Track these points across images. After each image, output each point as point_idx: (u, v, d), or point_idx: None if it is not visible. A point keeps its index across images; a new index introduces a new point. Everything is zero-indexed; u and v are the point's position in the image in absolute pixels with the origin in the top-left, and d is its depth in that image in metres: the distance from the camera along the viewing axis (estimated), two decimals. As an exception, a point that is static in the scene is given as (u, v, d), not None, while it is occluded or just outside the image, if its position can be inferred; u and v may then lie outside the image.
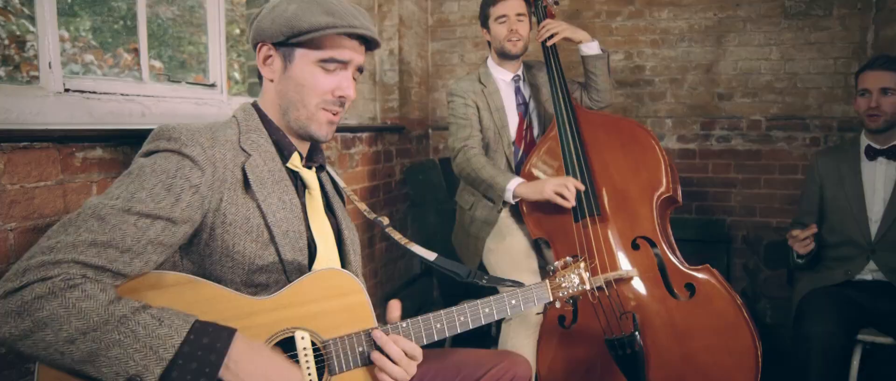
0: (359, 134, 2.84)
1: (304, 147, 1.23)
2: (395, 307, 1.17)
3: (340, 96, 1.15)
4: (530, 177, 2.12)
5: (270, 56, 1.16)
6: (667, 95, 3.30)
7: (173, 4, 3.32)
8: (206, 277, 1.06)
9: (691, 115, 3.27)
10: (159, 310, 0.90)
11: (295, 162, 1.19)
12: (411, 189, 3.33)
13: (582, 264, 1.39)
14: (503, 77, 2.31)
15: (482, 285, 1.38)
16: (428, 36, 3.60)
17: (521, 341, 2.04)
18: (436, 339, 1.20)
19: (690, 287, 1.87)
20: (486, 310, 1.21)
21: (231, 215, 1.05)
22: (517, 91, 2.32)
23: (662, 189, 1.96)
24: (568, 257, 1.43)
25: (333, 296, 1.08)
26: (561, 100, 2.10)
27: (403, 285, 3.31)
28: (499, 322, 2.28)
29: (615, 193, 2.00)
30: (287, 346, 1.04)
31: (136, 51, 2.02)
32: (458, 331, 1.20)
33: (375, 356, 1.07)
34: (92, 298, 0.84)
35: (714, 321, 1.82)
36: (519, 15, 2.20)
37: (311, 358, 1.04)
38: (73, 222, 0.90)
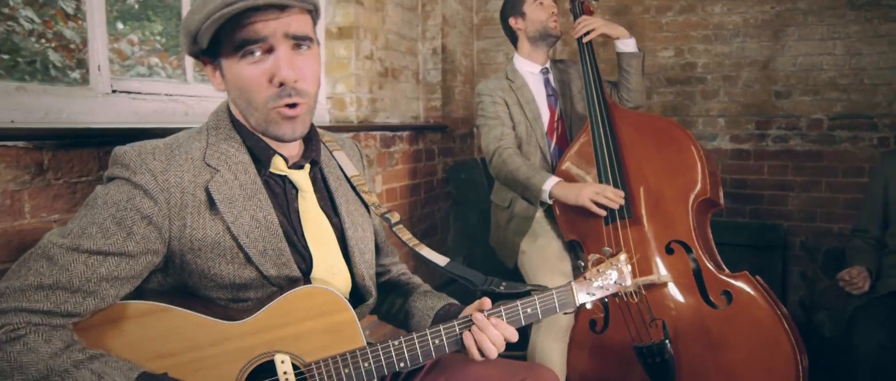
0: (399, 133, 2.87)
1: (288, 146, 1.10)
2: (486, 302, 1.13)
3: (281, 83, 0.98)
4: (566, 177, 2.08)
5: (213, 72, 1.05)
6: (720, 93, 3.15)
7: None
8: (194, 294, 1.02)
9: (746, 114, 3.12)
10: (103, 364, 0.86)
11: (279, 166, 1.09)
12: (454, 188, 3.34)
13: (622, 258, 1.23)
14: (531, 69, 2.29)
15: (499, 293, 1.27)
16: (473, 35, 3.60)
17: (550, 345, 2.01)
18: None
19: (727, 295, 1.79)
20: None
21: (198, 241, 0.98)
22: (546, 83, 2.30)
23: (699, 191, 1.88)
24: (606, 249, 1.27)
25: (316, 315, 1.01)
26: (595, 97, 2.05)
27: (444, 284, 3.33)
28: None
29: (649, 194, 1.93)
30: (268, 371, 0.99)
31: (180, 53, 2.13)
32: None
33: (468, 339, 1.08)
34: (33, 351, 0.83)
35: (752, 332, 1.73)
36: None
37: None
38: (26, 262, 0.88)
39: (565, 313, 1.96)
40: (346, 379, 1.02)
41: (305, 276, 1.09)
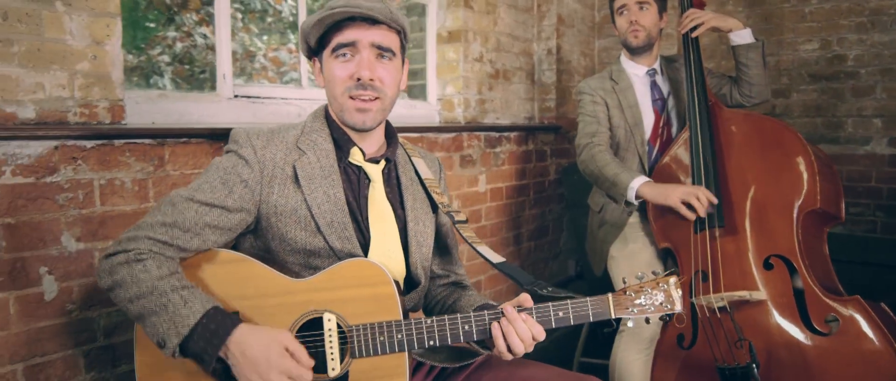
0: (506, 133, 2.91)
1: (367, 142, 1.28)
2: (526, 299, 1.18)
3: (358, 79, 1.18)
4: (662, 173, 1.97)
5: (317, 69, 1.28)
6: (876, 89, 2.72)
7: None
8: (273, 257, 1.20)
9: (910, 114, 2.66)
10: (190, 293, 1.05)
11: (356, 157, 1.26)
12: (566, 190, 3.30)
13: (672, 280, 1.18)
14: (636, 72, 2.18)
15: (542, 295, 1.28)
16: (594, 33, 3.50)
17: (632, 356, 1.93)
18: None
19: (834, 322, 1.58)
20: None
21: (281, 207, 1.18)
22: (653, 85, 2.18)
23: (806, 201, 1.68)
24: (654, 271, 1.22)
25: (363, 285, 1.14)
26: (695, 95, 1.91)
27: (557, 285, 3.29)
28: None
29: (749, 203, 1.77)
30: (316, 326, 1.13)
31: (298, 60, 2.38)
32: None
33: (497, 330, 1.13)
34: (148, 272, 1.05)
35: (858, 367, 1.51)
36: (640, 3, 2.06)
37: (335, 340, 1.12)
38: (159, 205, 1.14)
39: (647, 323, 1.87)
40: (380, 346, 1.13)
41: (364, 253, 1.23)
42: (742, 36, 2.01)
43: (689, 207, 1.79)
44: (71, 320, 1.42)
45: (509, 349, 1.15)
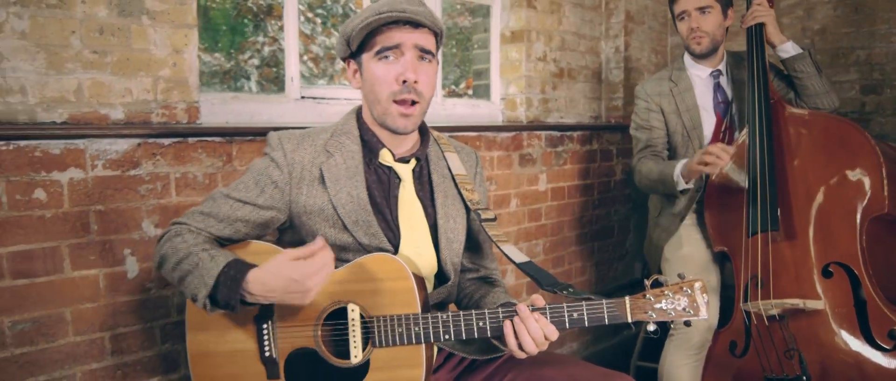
0: (568, 132, 2.90)
1: (399, 143, 1.33)
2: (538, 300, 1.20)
3: (404, 81, 1.22)
4: (720, 174, 1.91)
5: (353, 71, 1.32)
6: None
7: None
8: None
9: None
10: (219, 251, 1.17)
11: (386, 158, 1.32)
12: (633, 191, 3.23)
13: (697, 285, 1.16)
14: (699, 73, 2.11)
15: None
16: (667, 30, 3.40)
17: (680, 361, 1.89)
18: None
19: (897, 335, 1.48)
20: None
21: (309, 206, 1.27)
22: (717, 88, 2.10)
23: (872, 206, 1.58)
24: (681, 274, 1.19)
25: (385, 279, 1.20)
26: (755, 91, 1.84)
27: (619, 288, 3.25)
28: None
29: (809, 206, 1.68)
30: (342, 314, 1.21)
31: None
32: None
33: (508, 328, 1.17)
34: (184, 241, 1.19)
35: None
36: (700, 8, 1.99)
37: (358, 329, 1.19)
38: (206, 199, 1.29)
39: (690, 326, 1.81)
40: (399, 337, 1.19)
41: (395, 249, 1.29)
42: (786, 49, 1.92)
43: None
44: (149, 297, 1.62)
45: (521, 348, 1.18)
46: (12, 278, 1.41)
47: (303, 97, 2.17)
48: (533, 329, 1.16)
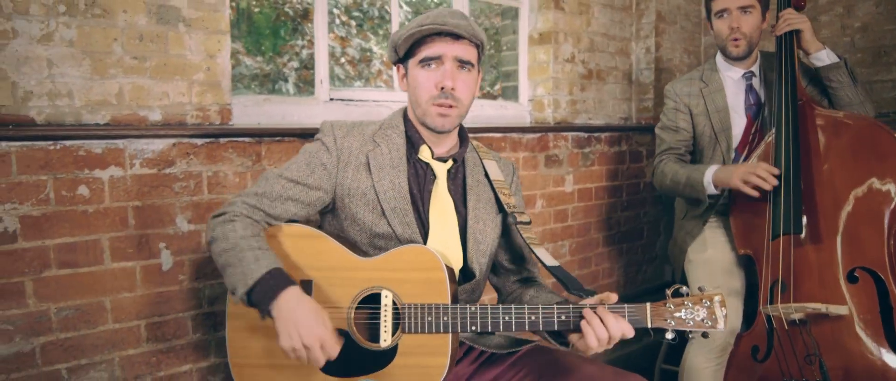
0: (596, 134, 2.89)
1: (439, 143, 1.42)
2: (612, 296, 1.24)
3: (442, 88, 1.33)
4: None
5: (401, 74, 1.44)
6: None
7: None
8: (346, 236, 1.39)
9: None
10: (264, 253, 1.23)
11: (425, 155, 1.41)
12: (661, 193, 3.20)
13: (717, 298, 1.17)
14: (732, 74, 2.08)
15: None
16: (699, 30, 3.34)
17: (701, 363, 1.88)
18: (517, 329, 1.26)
19: (925, 343, 1.44)
20: (532, 318, 1.23)
21: (353, 189, 1.37)
22: (749, 89, 2.07)
23: (899, 211, 1.54)
24: (701, 287, 1.21)
25: (418, 269, 1.27)
26: (783, 91, 1.81)
27: (646, 291, 3.22)
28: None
29: (836, 209, 1.65)
30: (375, 300, 1.28)
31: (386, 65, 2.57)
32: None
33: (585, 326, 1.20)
34: (235, 231, 1.26)
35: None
36: (743, 8, 1.95)
37: (389, 315, 1.28)
38: (258, 179, 1.39)
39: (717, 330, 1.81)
40: (428, 325, 1.26)
41: (424, 241, 1.37)
42: (821, 58, 1.87)
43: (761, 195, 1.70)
44: (182, 288, 1.71)
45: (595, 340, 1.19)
46: (58, 268, 1.52)
47: (332, 99, 2.24)
48: (612, 326, 1.18)
